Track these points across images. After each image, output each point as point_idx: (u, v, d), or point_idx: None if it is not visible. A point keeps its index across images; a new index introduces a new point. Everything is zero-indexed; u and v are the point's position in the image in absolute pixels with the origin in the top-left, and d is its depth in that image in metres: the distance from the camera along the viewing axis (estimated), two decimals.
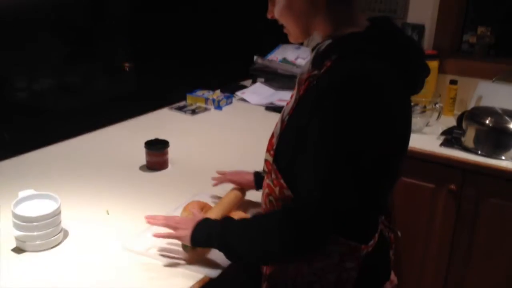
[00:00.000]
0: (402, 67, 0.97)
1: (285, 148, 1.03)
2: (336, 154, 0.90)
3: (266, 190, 1.11)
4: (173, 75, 4.19)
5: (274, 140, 1.08)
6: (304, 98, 1.00)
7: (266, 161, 1.11)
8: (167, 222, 1.16)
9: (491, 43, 2.43)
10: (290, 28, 1.06)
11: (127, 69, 4.26)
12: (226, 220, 1.10)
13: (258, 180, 1.40)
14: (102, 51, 4.85)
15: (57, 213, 1.20)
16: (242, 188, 1.43)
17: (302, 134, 0.97)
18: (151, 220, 1.19)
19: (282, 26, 1.09)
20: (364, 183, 0.93)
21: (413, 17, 2.50)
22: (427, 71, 1.05)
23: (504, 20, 2.80)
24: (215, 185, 1.48)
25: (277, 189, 1.06)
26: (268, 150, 1.11)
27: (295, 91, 1.08)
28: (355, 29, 1.00)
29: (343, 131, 0.89)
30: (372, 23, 1.02)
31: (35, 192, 1.27)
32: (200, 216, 1.17)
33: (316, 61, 1.01)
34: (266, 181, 1.11)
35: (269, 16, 1.08)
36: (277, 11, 1.04)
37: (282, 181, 1.04)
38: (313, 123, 0.92)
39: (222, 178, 1.47)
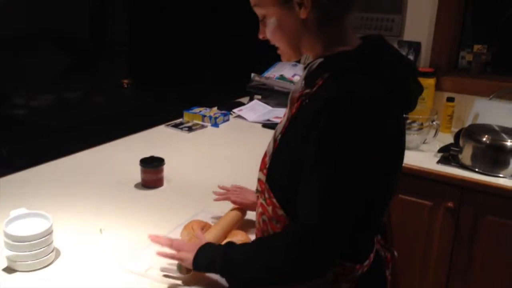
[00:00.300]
0: (393, 85, 0.96)
1: (278, 168, 1.03)
2: (333, 176, 0.89)
3: (260, 209, 1.10)
4: (170, 92, 4.22)
5: (267, 159, 1.07)
6: (297, 117, 1.00)
7: (259, 180, 1.10)
8: (171, 242, 1.15)
9: (487, 61, 2.43)
10: (282, 48, 1.06)
11: (126, 86, 4.29)
12: (228, 246, 1.07)
13: None
14: (101, 68, 4.89)
15: (48, 232, 1.18)
16: (242, 209, 1.41)
17: (295, 154, 0.96)
18: (155, 238, 1.18)
19: (275, 46, 1.09)
20: (361, 203, 0.93)
21: (409, 35, 2.51)
22: (420, 90, 1.05)
23: (500, 38, 2.81)
24: (217, 200, 1.46)
25: (270, 209, 1.05)
26: (261, 169, 1.10)
27: (287, 110, 1.07)
28: (347, 47, 1.00)
29: (339, 152, 0.89)
30: (364, 41, 1.02)
31: (27, 211, 1.25)
32: (204, 240, 1.16)
33: (308, 80, 1.01)
34: (260, 200, 1.10)
35: (260, 36, 1.08)
36: (268, 32, 1.04)
37: (274, 200, 1.03)
38: (307, 144, 0.91)
39: (225, 195, 1.45)
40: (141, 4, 4.94)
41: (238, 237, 1.31)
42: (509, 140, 1.91)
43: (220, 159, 2.00)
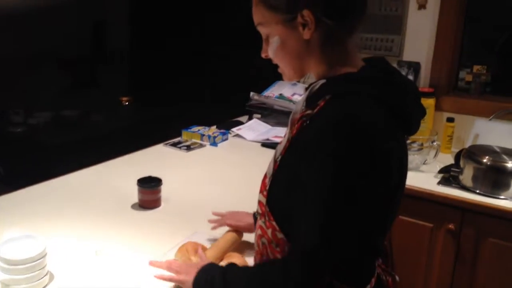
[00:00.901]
0: (396, 108, 0.95)
1: (278, 189, 1.01)
2: (333, 198, 0.87)
3: (259, 232, 1.08)
4: (169, 111, 4.22)
5: (267, 180, 1.05)
6: (297, 138, 0.98)
7: (259, 202, 1.08)
8: (170, 265, 1.14)
9: (487, 81, 2.43)
10: (284, 68, 1.05)
11: (125, 103, 4.28)
12: (228, 268, 1.05)
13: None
14: (100, 86, 4.89)
15: (42, 256, 1.15)
16: (239, 231, 1.39)
17: (295, 175, 0.94)
18: (155, 263, 1.17)
19: (276, 65, 1.08)
20: (361, 226, 0.91)
21: (408, 55, 2.51)
22: (422, 113, 1.04)
23: (498, 59, 2.82)
24: (214, 228, 1.44)
25: (269, 231, 1.03)
26: (261, 191, 1.08)
27: (287, 131, 1.06)
28: (350, 69, 0.99)
29: (339, 174, 0.87)
30: (367, 64, 1.01)
31: (21, 234, 1.23)
32: (203, 262, 1.13)
33: (310, 101, 1.00)
34: (259, 222, 1.08)
35: (263, 55, 1.07)
36: (271, 51, 1.03)
37: (274, 223, 1.01)
38: (307, 165, 0.90)
39: (221, 221, 1.43)
40: (141, 22, 4.97)
41: (234, 260, 1.29)
42: (510, 162, 1.90)
43: (219, 179, 1.98)
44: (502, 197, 1.90)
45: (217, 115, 2.81)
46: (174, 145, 2.31)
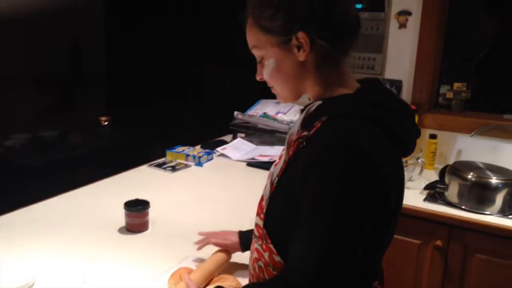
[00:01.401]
0: (392, 129, 0.95)
1: (275, 212, 1.00)
2: (331, 223, 0.86)
3: (255, 255, 1.06)
4: (150, 130, 4.18)
5: (264, 203, 1.04)
6: (294, 160, 0.97)
7: (256, 225, 1.07)
8: None
9: (467, 98, 2.48)
10: (280, 90, 1.05)
11: (104, 123, 4.22)
12: None
13: (243, 241, 1.35)
14: (78, 106, 4.83)
15: (30, 286, 1.11)
16: (227, 250, 1.37)
17: (293, 198, 0.93)
18: None
19: (264, 85, 1.07)
20: (361, 250, 0.90)
21: (390, 73, 2.55)
22: (417, 134, 1.04)
23: (475, 76, 2.88)
24: (199, 249, 1.42)
25: (266, 255, 1.01)
26: (258, 214, 1.06)
27: (284, 152, 1.05)
28: (345, 90, 0.99)
29: (336, 198, 0.86)
30: (362, 85, 1.01)
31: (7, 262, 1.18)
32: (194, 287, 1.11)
33: (306, 122, 0.99)
34: (255, 245, 1.06)
35: (258, 77, 1.07)
36: (266, 73, 1.03)
37: (271, 246, 0.99)
38: (306, 189, 0.89)
39: (206, 240, 1.41)
40: (120, 39, 4.94)
41: (228, 283, 1.27)
42: (494, 178, 1.93)
43: (206, 199, 1.95)
44: (487, 212, 1.92)
45: (199, 134, 2.80)
46: (159, 166, 2.28)
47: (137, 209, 1.62)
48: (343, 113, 0.94)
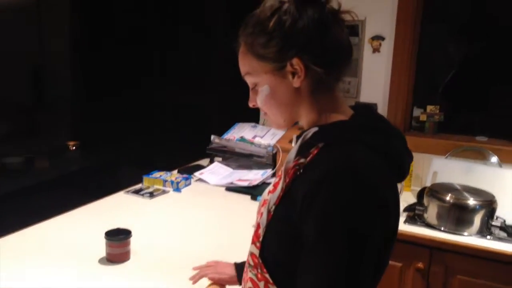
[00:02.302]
0: (389, 155, 0.95)
1: (272, 241, 0.97)
2: (341, 252, 0.84)
3: (249, 285, 1.03)
4: (122, 155, 4.10)
5: (261, 231, 1.01)
6: (291, 188, 0.96)
7: (251, 254, 1.04)
8: None
9: (440, 121, 2.54)
10: (274, 116, 1.04)
11: (72, 148, 4.10)
12: None
13: (240, 274, 1.31)
14: (43, 131, 4.69)
15: None
16: (221, 285, 1.33)
17: (292, 227, 0.91)
18: None
19: (260, 112, 1.06)
20: (363, 277, 0.88)
21: (365, 97, 2.58)
22: (411, 157, 1.05)
23: (442, 99, 2.96)
24: (194, 283, 1.37)
25: (261, 284, 0.98)
26: (253, 242, 1.04)
27: (280, 180, 1.03)
28: (340, 116, 0.99)
29: (343, 225, 0.85)
30: (356, 111, 1.02)
31: None
32: None
33: (302, 149, 0.98)
34: (249, 274, 1.03)
35: (251, 104, 1.05)
36: (260, 100, 1.02)
37: (267, 275, 0.97)
38: (309, 217, 0.87)
39: (201, 273, 1.36)
40: (87, 59, 4.86)
41: None
42: (471, 199, 1.96)
43: (187, 226, 1.91)
44: (465, 234, 1.95)
45: (174, 159, 2.75)
46: (136, 192, 2.22)
47: (119, 239, 1.56)
48: (340, 140, 0.93)
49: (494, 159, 2.36)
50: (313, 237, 0.86)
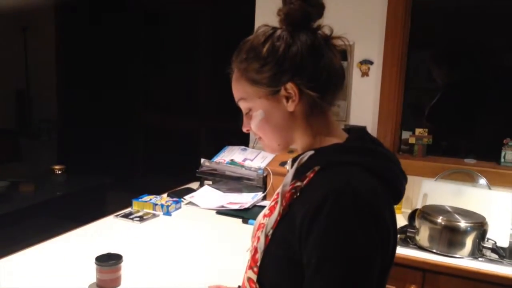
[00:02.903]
0: (386, 177, 0.96)
1: (270, 265, 0.96)
2: (342, 274, 0.84)
3: None
4: (112, 180, 4.05)
5: (258, 256, 1.00)
6: (289, 211, 0.95)
7: (249, 279, 1.02)
8: None
9: (429, 143, 2.56)
10: (268, 141, 1.04)
11: (58, 172, 4.04)
12: None
13: None
14: (27, 156, 4.64)
15: None
16: None
17: (290, 250, 0.91)
18: None
19: (251, 136, 1.06)
20: None
21: (355, 120, 2.61)
22: (405, 179, 1.05)
23: (428, 123, 3.00)
24: None
25: None
26: (250, 267, 1.02)
27: (276, 204, 1.03)
28: (335, 139, 1.00)
29: (345, 247, 0.85)
30: (351, 134, 1.03)
31: None
32: None
33: (299, 173, 0.98)
34: None
35: (244, 129, 1.06)
36: (254, 125, 1.02)
37: None
38: (308, 241, 0.86)
39: None
40: (72, 83, 4.85)
41: None
42: (462, 221, 1.97)
43: (178, 250, 1.88)
44: (457, 256, 1.95)
45: (166, 183, 2.72)
46: (126, 216, 2.19)
47: (109, 264, 1.52)
48: (337, 163, 0.94)
49: (483, 181, 2.38)
50: (315, 261, 0.86)
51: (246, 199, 2.41)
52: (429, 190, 2.38)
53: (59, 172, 4.01)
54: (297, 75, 0.96)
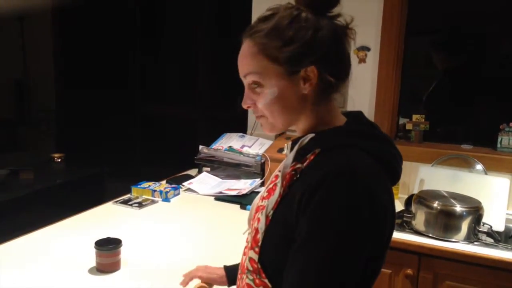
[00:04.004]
0: (384, 159, 0.97)
1: (271, 245, 0.98)
2: (329, 253, 0.85)
3: None
4: (112, 167, 4.07)
5: (259, 236, 1.02)
6: (289, 192, 0.97)
7: (250, 259, 1.04)
8: None
9: (426, 130, 2.58)
10: (273, 119, 1.02)
11: (57, 160, 4.06)
12: None
13: (230, 275, 1.31)
14: (27, 144, 4.65)
15: None
16: (210, 284, 1.33)
17: (289, 230, 0.92)
18: None
19: (256, 115, 1.05)
20: (354, 280, 0.89)
21: (352, 106, 2.60)
22: (402, 160, 1.07)
23: (425, 109, 3.01)
24: (185, 285, 1.36)
25: None
26: (252, 248, 1.04)
27: (275, 186, 1.04)
28: (337, 123, 1.01)
29: (336, 225, 0.86)
30: (349, 118, 1.04)
31: None
32: None
33: (299, 155, 0.99)
34: (245, 280, 1.03)
35: (245, 106, 1.04)
36: (263, 102, 1.00)
37: (266, 280, 0.97)
38: (307, 221, 0.88)
39: (190, 274, 1.36)
40: (70, 71, 4.85)
41: None
42: (458, 206, 1.99)
43: (177, 235, 1.90)
44: (453, 240, 1.97)
45: (164, 169, 2.74)
46: (125, 202, 2.21)
47: (109, 248, 1.55)
48: (337, 145, 0.95)
49: (479, 166, 2.40)
50: (306, 232, 0.87)
51: (244, 186, 2.43)
52: (426, 176, 2.40)
53: (59, 160, 4.03)
54: (321, 59, 0.96)
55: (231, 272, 1.31)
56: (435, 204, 2.01)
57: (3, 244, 1.72)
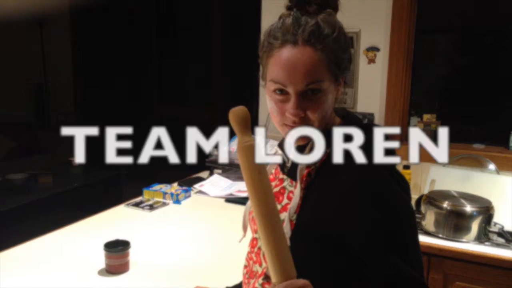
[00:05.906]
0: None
1: (300, 248, 0.96)
2: (412, 236, 0.96)
3: None
4: (125, 170, 4.12)
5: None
6: (311, 193, 0.99)
7: None
8: None
9: (437, 129, 2.56)
10: (318, 123, 1.00)
11: (75, 164, 4.13)
12: None
13: None
14: (46, 148, 4.74)
15: None
16: None
17: (324, 232, 0.95)
18: None
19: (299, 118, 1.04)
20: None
21: (362, 107, 2.61)
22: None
23: (440, 106, 2.99)
24: None
25: None
26: None
27: (286, 189, 1.05)
28: (336, 122, 1.04)
29: (402, 216, 0.95)
30: (342, 116, 1.06)
31: None
32: None
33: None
34: (255, 284, 1.05)
35: (301, 114, 0.97)
36: (322, 109, 0.98)
37: None
38: (352, 227, 0.93)
39: None
40: (87, 79, 4.93)
41: None
42: (468, 206, 1.97)
43: (187, 237, 1.93)
44: (464, 240, 1.95)
45: (176, 172, 2.77)
46: (136, 205, 2.24)
47: (117, 250, 1.58)
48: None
49: (492, 166, 2.37)
50: (382, 239, 0.92)
51: None
52: (437, 176, 2.38)
53: (77, 163, 4.10)
54: (348, 66, 1.02)
55: None
56: (445, 205, 2.00)
57: (18, 246, 1.77)
